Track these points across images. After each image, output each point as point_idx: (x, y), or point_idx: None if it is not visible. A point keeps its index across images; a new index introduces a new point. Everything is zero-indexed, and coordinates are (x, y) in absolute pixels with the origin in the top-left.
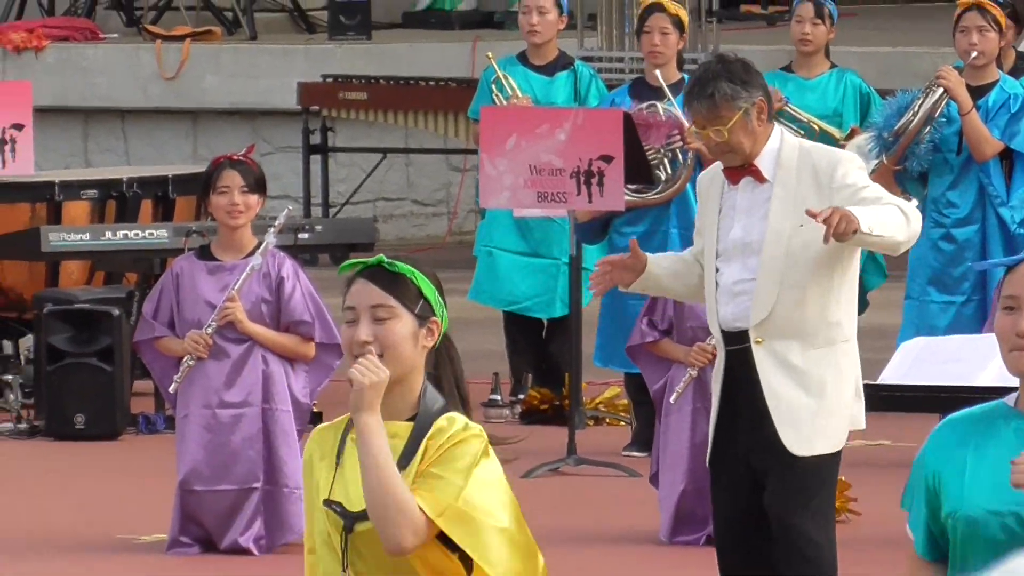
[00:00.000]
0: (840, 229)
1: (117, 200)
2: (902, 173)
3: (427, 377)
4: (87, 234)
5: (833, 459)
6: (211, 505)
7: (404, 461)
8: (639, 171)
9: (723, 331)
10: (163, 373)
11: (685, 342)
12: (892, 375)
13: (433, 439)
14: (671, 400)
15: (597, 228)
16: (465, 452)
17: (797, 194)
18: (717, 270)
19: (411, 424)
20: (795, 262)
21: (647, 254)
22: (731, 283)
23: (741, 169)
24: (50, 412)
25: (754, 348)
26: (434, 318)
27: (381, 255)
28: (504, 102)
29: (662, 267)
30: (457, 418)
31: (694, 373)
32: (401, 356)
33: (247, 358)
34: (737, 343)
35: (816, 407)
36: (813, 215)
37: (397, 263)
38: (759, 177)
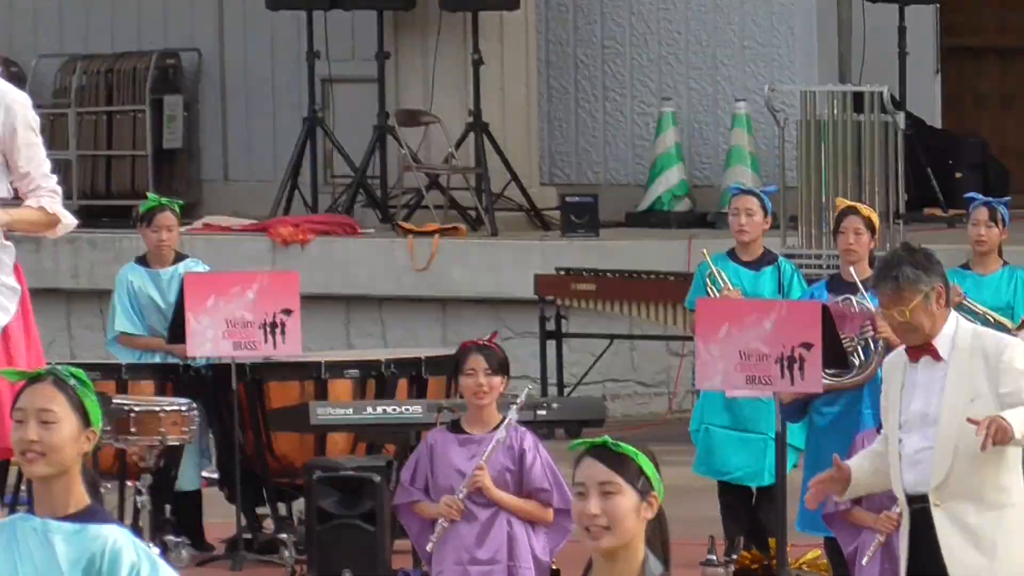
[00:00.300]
0: (996, 439)
1: (376, 379)
2: None
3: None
4: (350, 409)
5: None
6: None
7: None
8: (836, 357)
9: (906, 495)
10: (419, 533)
11: (874, 510)
12: None
13: None
14: (863, 562)
15: (799, 407)
16: None
17: (969, 373)
18: (900, 440)
19: None
20: (967, 433)
21: (848, 464)
22: (912, 451)
23: (921, 348)
24: (320, 567)
25: (933, 511)
26: (653, 492)
27: (606, 436)
28: (717, 294)
29: (864, 470)
30: None
31: (882, 539)
32: (626, 528)
33: (494, 520)
34: (919, 504)
35: (990, 566)
36: (975, 423)
37: (621, 444)
38: (936, 355)
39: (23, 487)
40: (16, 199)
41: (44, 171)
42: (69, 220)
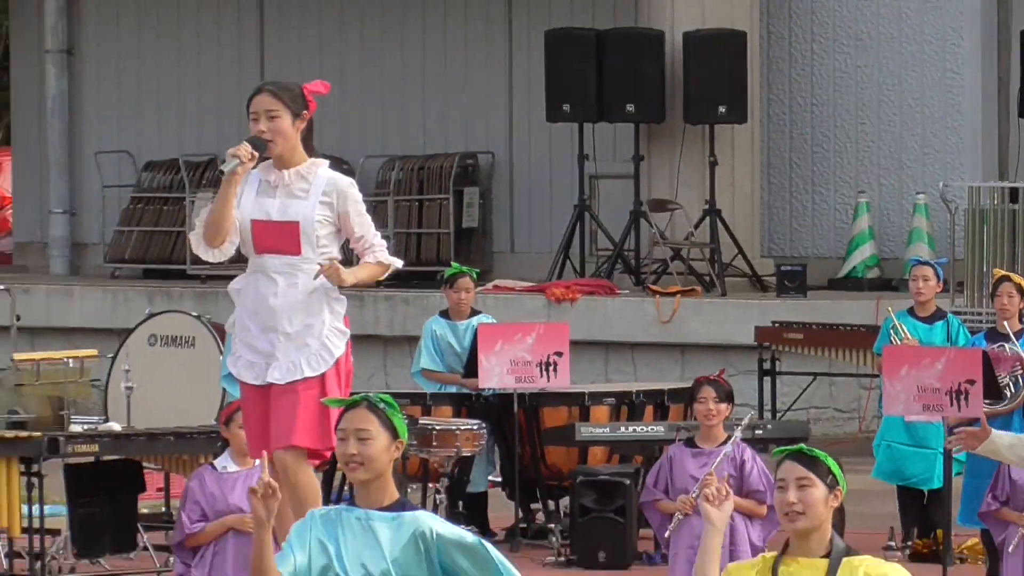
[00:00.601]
0: None
1: (628, 405)
2: None
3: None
4: (608, 428)
5: None
6: None
7: None
8: (992, 390)
9: None
10: (660, 525)
11: (1018, 509)
12: None
13: (843, 571)
14: (1008, 550)
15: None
16: None
17: None
18: None
19: (826, 560)
20: None
21: (992, 428)
22: None
23: None
24: (580, 551)
25: None
26: (838, 487)
27: (802, 444)
28: (899, 342)
29: (1003, 440)
30: (859, 554)
31: (1023, 531)
32: (817, 513)
33: None
34: None
35: None
36: None
37: (813, 449)
38: None
39: (345, 488)
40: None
41: (373, 231)
42: (397, 263)
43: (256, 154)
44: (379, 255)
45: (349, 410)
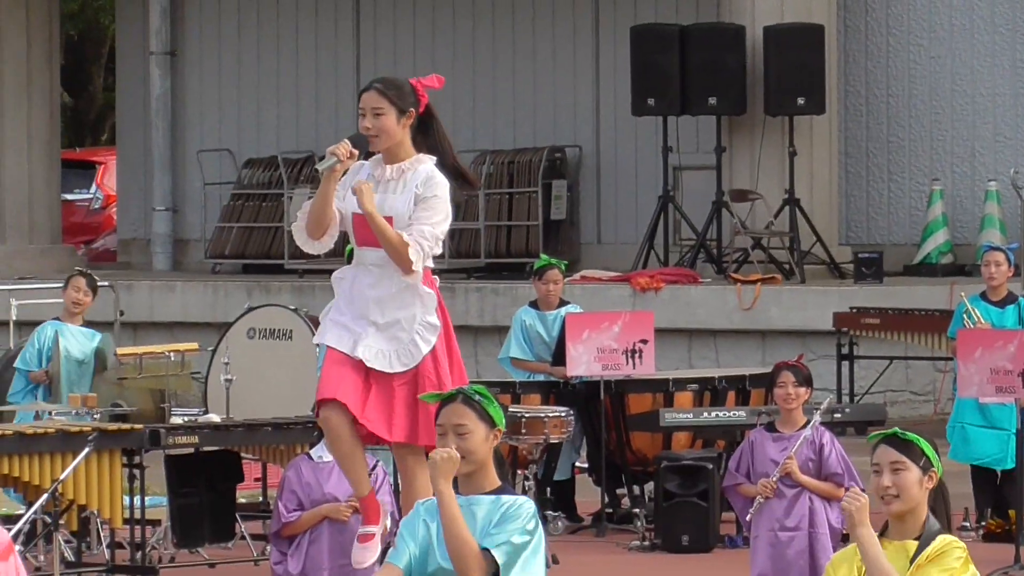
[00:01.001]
0: None
1: (711, 391)
2: None
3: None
4: (691, 414)
5: None
6: None
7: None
8: None
9: None
10: (742, 508)
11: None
12: None
13: (933, 548)
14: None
15: None
16: (952, 555)
17: None
18: None
19: (916, 542)
20: None
21: None
22: None
23: None
24: (665, 534)
25: None
26: (933, 469)
27: (896, 428)
28: (972, 326)
29: None
30: (948, 537)
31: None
32: (911, 496)
33: (798, 498)
34: None
35: None
36: None
37: (907, 433)
38: None
39: None
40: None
41: (423, 228)
42: (417, 269)
43: (355, 152)
44: (409, 239)
45: (445, 405)
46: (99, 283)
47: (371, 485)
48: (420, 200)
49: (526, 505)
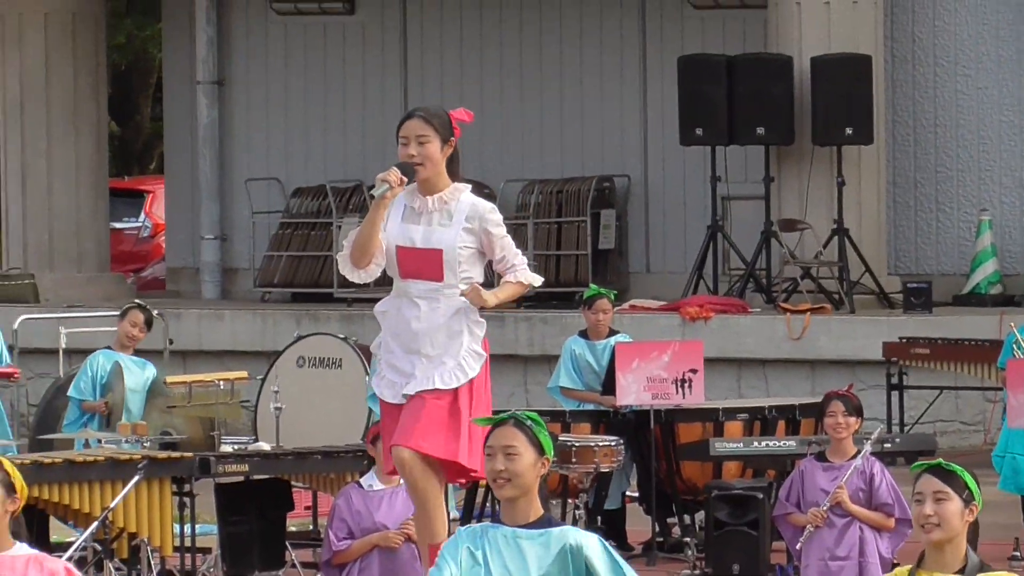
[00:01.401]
0: None
1: (761, 420)
2: None
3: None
4: (741, 443)
5: None
6: None
7: None
8: None
9: None
10: (792, 537)
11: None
12: None
13: None
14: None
15: None
16: None
17: None
18: None
19: (960, 575)
20: None
21: None
22: None
23: None
24: (715, 564)
25: None
26: (974, 502)
27: (940, 459)
28: (1021, 356)
29: None
30: (993, 569)
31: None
32: (952, 526)
33: (849, 527)
34: None
35: None
36: None
37: (951, 464)
38: None
39: (486, 504)
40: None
41: (514, 250)
42: (536, 281)
43: (405, 179)
44: (520, 275)
45: (497, 428)
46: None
47: (446, 534)
48: (488, 233)
49: (584, 542)
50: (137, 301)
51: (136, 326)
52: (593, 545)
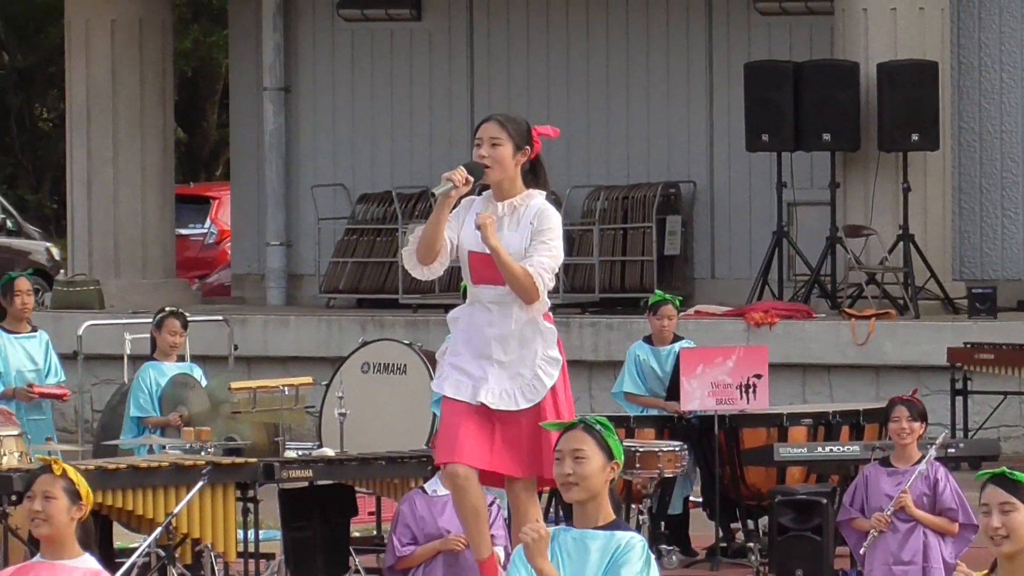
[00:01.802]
0: None
1: (825, 426)
2: None
3: None
4: (805, 448)
5: None
6: None
7: None
8: None
9: None
10: (856, 542)
11: None
12: None
13: None
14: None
15: None
16: None
17: None
18: None
19: None
20: None
21: None
22: None
23: None
24: (779, 569)
25: None
26: None
27: (1004, 468)
28: None
29: None
30: None
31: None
32: (1021, 536)
33: (912, 532)
34: None
35: None
36: None
37: (1015, 473)
38: None
39: (551, 510)
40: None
41: (543, 260)
42: (544, 301)
43: (471, 179)
44: (532, 270)
45: (566, 432)
46: (212, 318)
47: (491, 549)
48: (535, 233)
49: (637, 545)
50: (168, 308)
51: (175, 334)
52: (637, 549)
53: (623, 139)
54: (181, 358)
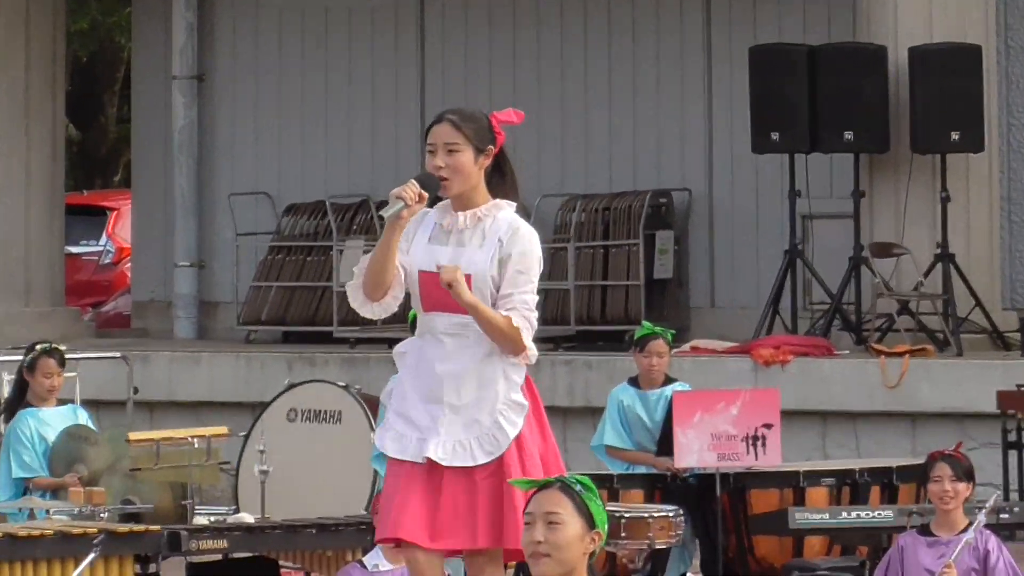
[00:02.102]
0: None
1: (850, 486)
2: None
3: None
4: (827, 514)
5: None
6: None
7: None
8: None
9: None
10: None
11: None
12: None
13: None
14: None
15: None
16: None
17: None
18: None
19: None
20: None
21: None
22: None
23: None
24: None
25: None
26: None
27: None
28: None
29: None
30: None
31: None
32: None
33: None
34: None
35: None
36: None
37: None
38: None
39: None
40: None
41: (526, 298)
42: (532, 351)
43: (425, 195)
44: (514, 315)
45: (540, 491)
46: (107, 355)
47: None
48: (510, 260)
49: None
50: (39, 345)
51: (51, 375)
52: None
53: (604, 138)
54: (62, 401)
